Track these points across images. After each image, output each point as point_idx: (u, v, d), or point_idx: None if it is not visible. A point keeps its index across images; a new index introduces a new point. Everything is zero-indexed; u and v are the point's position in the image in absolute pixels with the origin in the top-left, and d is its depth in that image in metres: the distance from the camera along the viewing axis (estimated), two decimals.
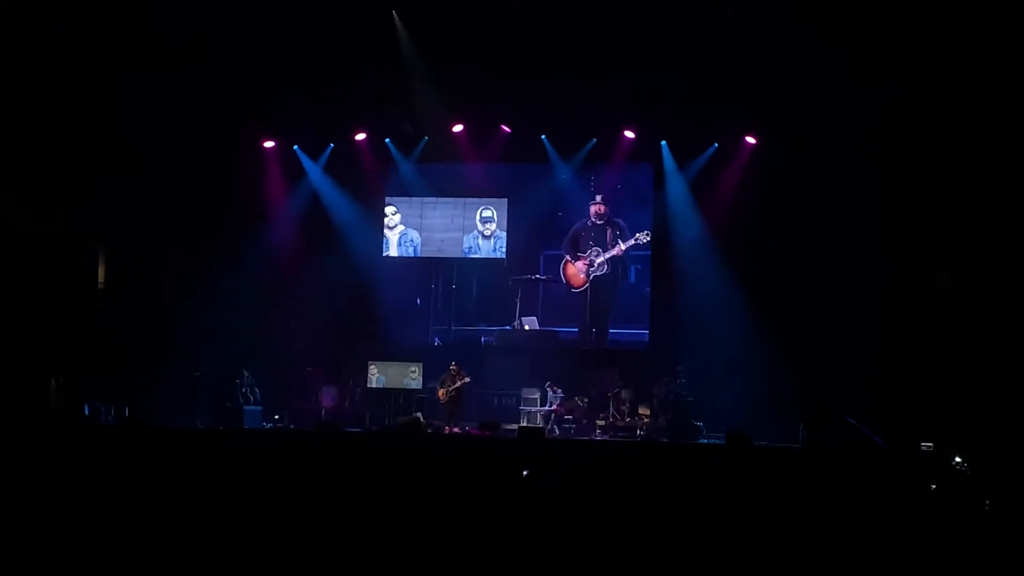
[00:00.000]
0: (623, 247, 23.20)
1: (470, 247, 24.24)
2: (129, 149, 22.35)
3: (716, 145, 22.68)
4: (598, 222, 23.45)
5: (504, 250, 24.08)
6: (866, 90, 19.94)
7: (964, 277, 20.12)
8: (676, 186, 23.04)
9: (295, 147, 24.13)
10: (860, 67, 19.53)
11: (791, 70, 20.03)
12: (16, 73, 20.09)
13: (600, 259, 23.37)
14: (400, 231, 24.48)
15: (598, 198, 23.44)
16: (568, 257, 23.66)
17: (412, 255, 24.47)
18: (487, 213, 24.15)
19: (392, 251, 24.52)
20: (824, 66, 19.69)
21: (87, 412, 21.26)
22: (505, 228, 24.09)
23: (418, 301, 24.35)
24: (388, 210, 24.51)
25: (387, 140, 24.06)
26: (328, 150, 24.17)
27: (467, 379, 21.80)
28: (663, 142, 23.04)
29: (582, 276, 23.52)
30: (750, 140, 22.41)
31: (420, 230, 24.45)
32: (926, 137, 20.17)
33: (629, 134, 23.01)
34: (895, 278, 20.57)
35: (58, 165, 21.66)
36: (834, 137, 20.96)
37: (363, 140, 24.01)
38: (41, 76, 20.41)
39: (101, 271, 23.60)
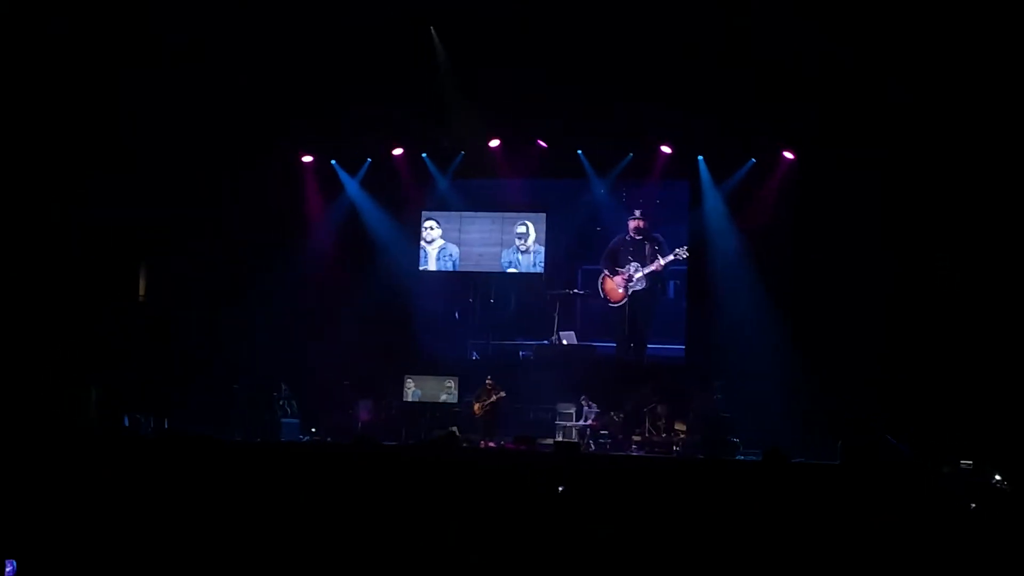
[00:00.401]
0: (662, 262, 23.16)
1: (509, 261, 24.25)
2: (170, 164, 22.51)
3: (753, 160, 22.61)
4: (637, 237, 23.42)
5: (543, 264, 24.08)
6: (907, 105, 19.83)
7: (1014, 294, 19.94)
8: (713, 201, 22.98)
9: (333, 162, 24.23)
10: (900, 82, 19.43)
11: (830, 84, 19.96)
12: (37, 82, 20.21)
13: (639, 274, 23.33)
14: (439, 245, 24.53)
15: (637, 213, 23.41)
16: (606, 272, 23.63)
17: (451, 269, 24.50)
18: (521, 229, 24.16)
19: (431, 265, 24.56)
20: (863, 81, 19.62)
21: (127, 423, 21.39)
22: (543, 242, 24.09)
23: (456, 315, 24.36)
24: (428, 224, 24.55)
25: (424, 155, 24.13)
26: (366, 165, 24.27)
27: (503, 394, 21.79)
28: (700, 157, 22.99)
29: (620, 291, 23.48)
30: (788, 155, 22.31)
31: (459, 244, 24.48)
32: (975, 151, 20.00)
33: (666, 149, 22.97)
34: (938, 294, 20.40)
35: (99, 178, 21.82)
36: (874, 152, 20.84)
37: (400, 155, 24.08)
38: (70, 86, 20.54)
39: (142, 284, 23.77)
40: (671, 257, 23.08)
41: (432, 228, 24.53)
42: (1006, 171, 19.75)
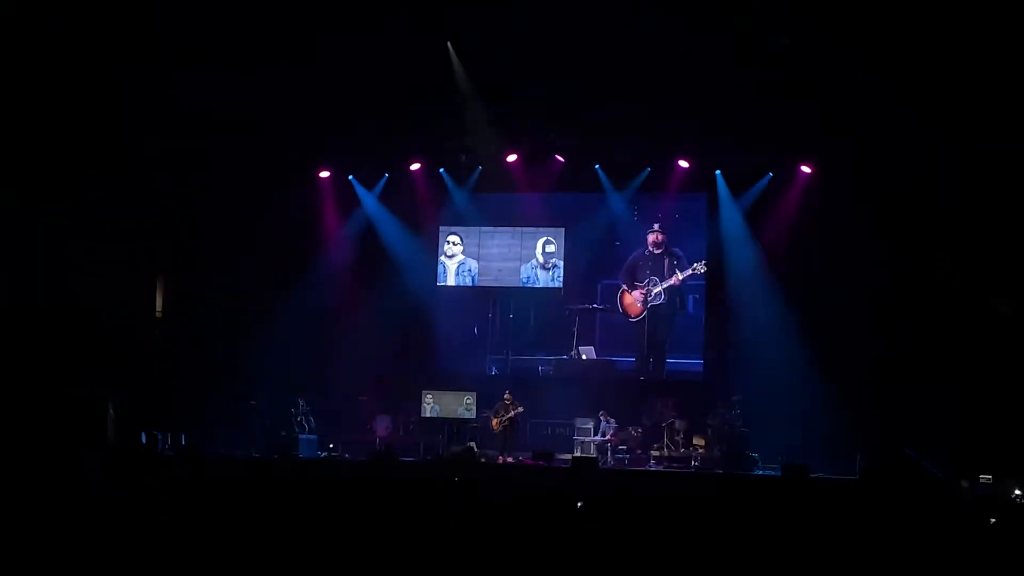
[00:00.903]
0: (680, 277, 23.12)
1: (528, 277, 24.24)
2: (187, 179, 22.60)
3: (771, 174, 22.57)
4: (656, 251, 23.39)
5: (561, 279, 24.08)
6: (924, 119, 19.79)
7: None
8: (731, 215, 22.94)
9: (350, 177, 24.29)
10: (917, 96, 19.40)
11: (846, 99, 19.93)
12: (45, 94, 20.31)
13: (657, 288, 23.30)
14: (459, 260, 24.54)
15: (656, 226, 23.39)
16: (625, 287, 23.60)
17: (470, 284, 24.51)
18: (551, 248, 24.12)
19: (450, 280, 24.58)
20: (880, 95, 19.58)
21: (144, 440, 21.44)
22: (562, 257, 24.08)
23: (476, 330, 24.36)
24: (451, 239, 24.57)
25: (441, 170, 24.16)
26: (383, 180, 24.31)
27: (520, 408, 21.78)
28: (717, 171, 22.96)
29: (639, 305, 23.45)
30: (805, 169, 22.27)
31: (477, 259, 24.49)
32: (989, 164, 19.93)
33: (683, 163, 22.95)
34: (955, 308, 20.31)
35: (115, 194, 21.91)
36: (891, 165, 20.79)
37: (418, 170, 24.12)
38: (83, 100, 20.65)
39: (159, 300, 23.84)
40: (689, 271, 23.04)
41: (455, 243, 24.53)
42: None
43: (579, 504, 9.37)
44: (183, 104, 21.26)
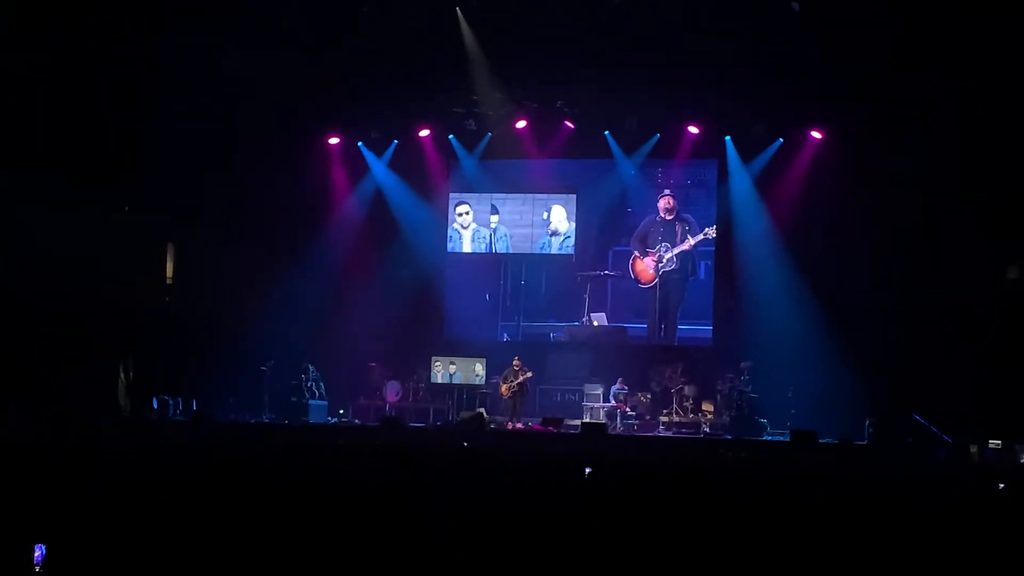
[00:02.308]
0: (692, 242, 23.06)
1: (542, 244, 24.20)
2: (196, 146, 22.55)
3: (781, 140, 22.47)
4: (667, 217, 23.31)
5: (572, 246, 24.04)
6: (935, 79, 19.63)
7: None
8: (740, 181, 22.86)
9: (359, 143, 24.23)
10: (929, 56, 19.24)
11: (857, 63, 19.79)
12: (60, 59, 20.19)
13: (669, 254, 23.24)
14: (473, 229, 24.50)
15: (667, 192, 23.33)
16: (636, 253, 23.54)
17: (484, 251, 24.49)
18: (545, 215, 24.08)
19: (466, 247, 24.56)
20: (891, 57, 19.44)
21: (156, 406, 21.52)
22: (574, 223, 24.04)
23: (487, 297, 24.35)
24: (460, 210, 24.52)
25: (451, 136, 24.09)
26: (392, 146, 24.25)
27: (529, 374, 21.78)
28: (727, 137, 22.86)
29: (651, 272, 23.39)
30: (815, 135, 22.17)
31: (488, 226, 24.46)
32: (1005, 125, 19.75)
33: (693, 129, 22.86)
34: (963, 272, 20.23)
35: (125, 160, 21.89)
36: (902, 130, 20.67)
37: (427, 136, 24.06)
38: (93, 62, 20.54)
39: (170, 266, 23.86)
40: (701, 236, 22.97)
41: (466, 214, 24.48)
42: None
43: (587, 470, 9.38)
44: (190, 69, 21.19)
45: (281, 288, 22.89)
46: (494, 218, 24.38)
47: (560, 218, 24.06)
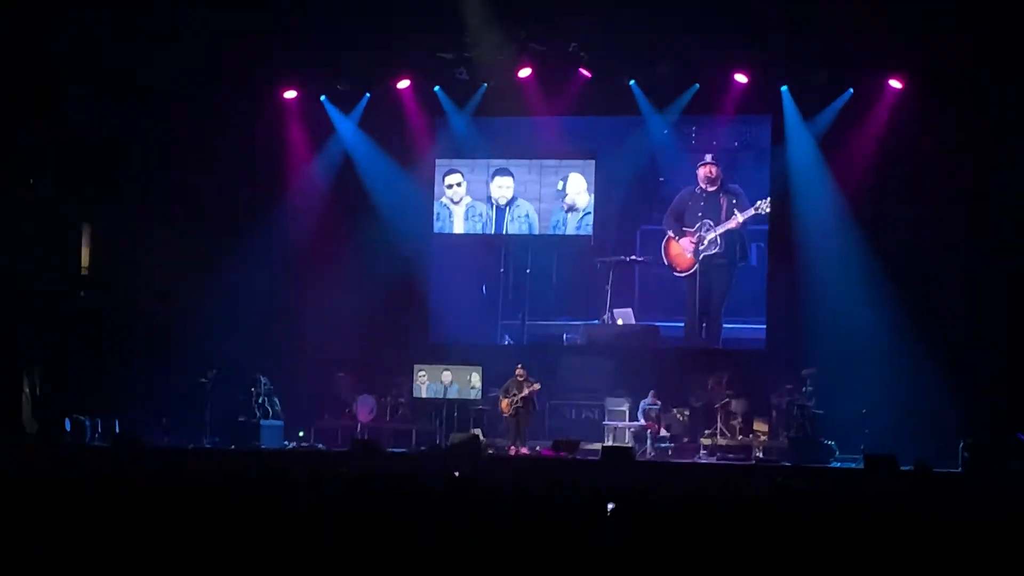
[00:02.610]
0: (740, 219, 23.03)
1: (556, 221, 24.17)
2: (117, 104, 22.52)
3: (851, 91, 22.43)
4: (709, 188, 23.29)
5: (591, 225, 24.02)
6: None
7: None
8: (800, 143, 22.83)
9: (322, 98, 24.21)
10: None
11: None
12: None
13: (712, 235, 23.21)
14: (467, 204, 24.47)
15: (708, 157, 23.29)
16: (671, 233, 23.51)
17: (481, 232, 24.48)
18: (578, 185, 24.03)
19: (457, 227, 24.54)
20: None
21: (68, 427, 21.50)
22: (591, 197, 24.02)
23: (483, 289, 24.35)
24: (452, 179, 24.51)
25: (437, 88, 24.06)
26: (363, 101, 24.22)
27: (537, 386, 21.75)
28: (783, 87, 22.82)
29: (689, 256, 23.36)
30: (894, 84, 22.12)
31: (488, 200, 24.42)
32: None
33: (740, 78, 22.82)
34: None
35: (29, 125, 21.86)
36: (1009, 76, 20.61)
37: (407, 88, 24.03)
38: None
39: (85, 253, 23.84)
40: (751, 212, 22.93)
41: (457, 185, 24.46)
42: None
43: (610, 507, 9.35)
44: (110, 10, 21.16)
45: (225, 280, 22.87)
46: (502, 186, 24.27)
47: (579, 189, 24.03)
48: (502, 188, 24.32)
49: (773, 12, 20.72)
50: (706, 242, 23.28)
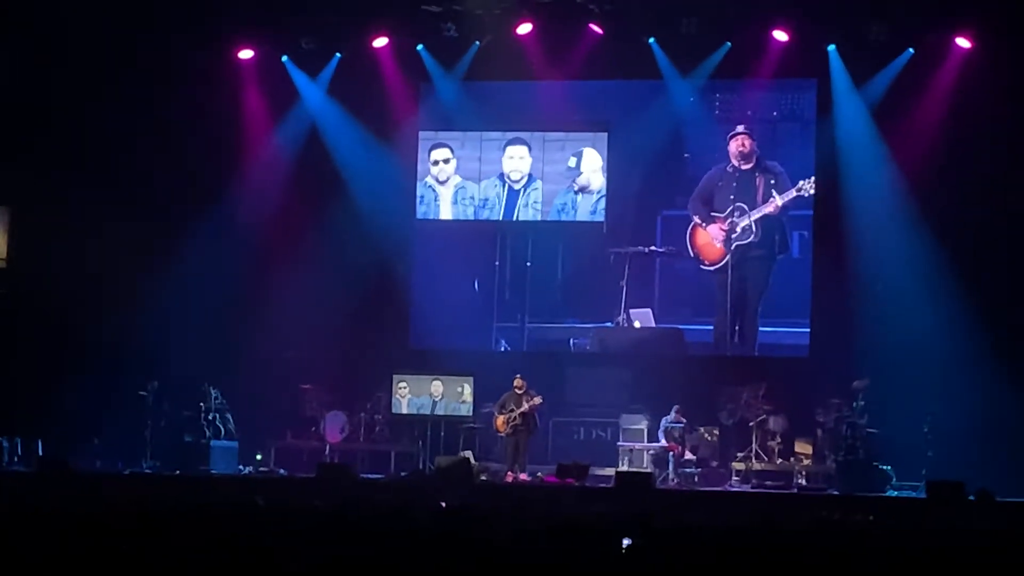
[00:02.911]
0: (780, 202, 23.02)
1: (564, 205, 24.18)
2: (41, 67, 22.53)
3: (911, 51, 22.46)
4: (743, 166, 23.30)
5: (603, 210, 24.06)
6: None
7: None
8: (851, 113, 22.87)
9: (284, 58, 24.22)
10: None
11: None
12: None
13: (745, 221, 23.21)
14: (456, 184, 24.48)
15: (740, 128, 23.30)
16: (698, 219, 23.53)
17: (472, 218, 24.50)
18: (587, 162, 24.01)
19: (444, 212, 24.57)
20: None
21: None
22: (604, 177, 24.04)
23: (476, 285, 24.38)
24: (438, 154, 24.52)
25: (419, 47, 24.07)
26: (333, 62, 24.24)
27: (538, 399, 21.77)
28: (831, 47, 22.84)
29: (719, 246, 23.35)
30: (962, 43, 22.14)
31: (479, 180, 24.43)
32: None
33: (780, 36, 22.84)
34: None
35: None
36: None
37: (385, 47, 24.04)
38: None
39: (2, 241, 23.83)
40: (792, 194, 22.93)
41: (444, 161, 24.46)
42: None
43: (626, 543, 9.36)
44: None
45: (170, 274, 22.92)
46: (513, 157, 24.25)
47: (594, 167, 24.01)
48: (514, 160, 24.24)
49: None
50: (739, 229, 23.28)
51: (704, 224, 23.53)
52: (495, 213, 24.41)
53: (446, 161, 24.52)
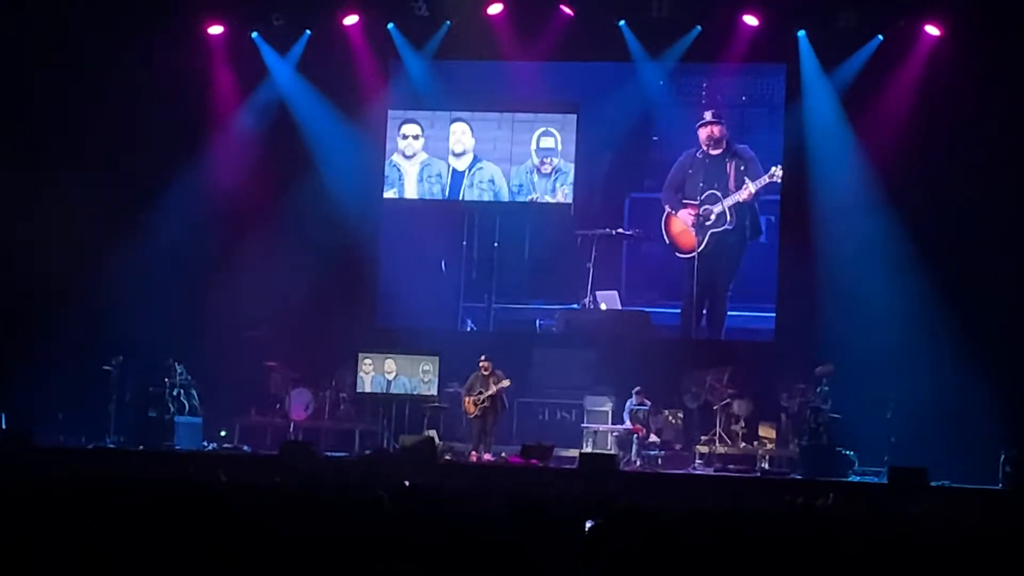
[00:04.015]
0: (753, 189, 22.98)
1: (521, 185, 24.16)
2: (3, 39, 22.43)
3: (880, 38, 22.46)
4: (713, 151, 23.27)
5: (571, 192, 24.05)
6: None
7: None
8: (820, 98, 22.88)
9: (253, 34, 24.13)
10: None
11: None
12: None
13: (720, 207, 23.14)
14: (422, 161, 24.43)
15: (708, 115, 23.28)
16: (669, 208, 23.48)
17: (439, 197, 24.46)
18: (548, 142, 24.00)
19: (408, 190, 24.52)
20: None
21: None
22: (573, 159, 24.02)
23: (442, 265, 24.35)
24: (408, 129, 24.47)
25: (390, 25, 24.01)
26: (303, 39, 24.16)
27: (506, 381, 21.76)
28: (800, 32, 22.85)
29: (693, 233, 23.27)
30: (931, 30, 22.16)
31: (448, 159, 24.40)
32: None
33: (751, 20, 22.83)
34: None
35: None
36: None
37: (355, 25, 23.97)
38: None
39: None
40: (766, 180, 22.89)
41: (414, 137, 24.41)
42: None
43: (589, 525, 9.34)
44: None
45: (135, 248, 22.85)
46: (455, 133, 24.24)
47: (558, 149, 24.01)
48: (455, 136, 24.23)
49: None
50: (713, 216, 23.24)
51: (676, 211, 23.48)
52: (454, 193, 24.35)
53: (416, 137, 24.46)
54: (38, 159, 23.06)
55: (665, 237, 23.58)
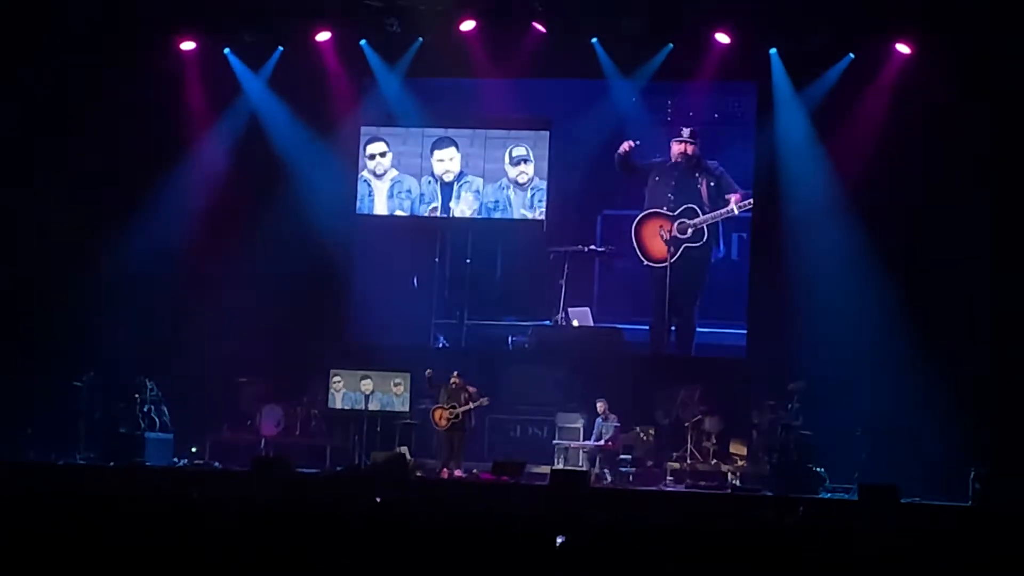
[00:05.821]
0: (736, 211, 22.93)
1: (496, 202, 24.19)
2: None
3: (851, 56, 22.55)
4: (682, 165, 23.30)
5: (544, 207, 24.09)
6: None
7: None
8: (791, 116, 22.93)
9: (226, 50, 24.12)
10: None
11: None
12: None
13: (698, 223, 23.16)
14: (392, 178, 24.44)
15: (686, 135, 23.32)
16: (642, 213, 23.53)
17: (408, 213, 24.45)
18: (519, 151, 24.05)
19: (378, 207, 24.53)
20: None
21: None
22: (546, 175, 24.06)
23: (414, 282, 24.35)
24: (374, 148, 24.48)
25: (362, 42, 24.03)
26: (275, 56, 24.16)
27: (484, 401, 21.75)
28: (772, 50, 22.92)
29: (665, 245, 23.20)
30: (902, 48, 22.25)
31: (420, 176, 24.41)
32: None
33: (722, 38, 22.90)
34: None
35: None
36: None
37: (327, 42, 23.98)
38: None
39: None
40: (748, 202, 22.84)
41: (381, 155, 24.43)
42: None
43: (560, 541, 9.39)
44: None
45: (106, 263, 22.80)
46: (443, 160, 24.26)
47: (527, 165, 24.05)
48: (444, 162, 24.27)
49: None
50: (690, 231, 23.28)
51: (649, 220, 23.48)
52: (432, 209, 24.34)
53: (382, 155, 24.49)
54: (7, 175, 22.97)
55: (634, 241, 23.54)
